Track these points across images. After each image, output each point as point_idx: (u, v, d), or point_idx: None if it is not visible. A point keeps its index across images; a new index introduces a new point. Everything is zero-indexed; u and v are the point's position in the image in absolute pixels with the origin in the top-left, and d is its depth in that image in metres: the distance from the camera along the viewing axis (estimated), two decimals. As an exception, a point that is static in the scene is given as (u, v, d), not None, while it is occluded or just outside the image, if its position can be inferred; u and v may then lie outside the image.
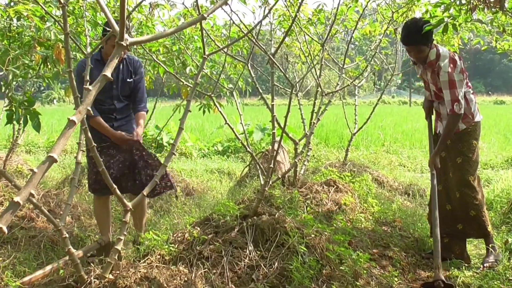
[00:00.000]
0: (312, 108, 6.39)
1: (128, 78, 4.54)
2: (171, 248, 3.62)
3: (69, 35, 2.26)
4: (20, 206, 1.42)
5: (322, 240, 3.80)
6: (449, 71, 4.12)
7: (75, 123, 1.62)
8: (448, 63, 4.16)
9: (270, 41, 6.70)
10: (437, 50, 4.26)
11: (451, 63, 4.16)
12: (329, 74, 16.83)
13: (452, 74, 4.12)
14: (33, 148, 11.82)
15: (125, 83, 4.53)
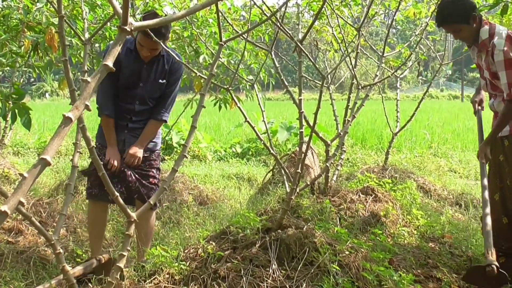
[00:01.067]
0: (346, 104, 6.36)
1: (161, 79, 4.48)
2: (182, 266, 3.63)
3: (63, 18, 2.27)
4: (7, 216, 1.43)
5: (357, 258, 3.77)
6: (504, 49, 4.01)
7: (71, 120, 1.63)
8: (503, 41, 4.05)
9: (297, 25, 6.69)
10: (491, 28, 4.18)
11: (508, 41, 4.07)
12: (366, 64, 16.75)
13: (508, 53, 4.00)
14: (22, 150, 11.89)
15: (155, 84, 4.47)
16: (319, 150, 10.04)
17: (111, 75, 4.19)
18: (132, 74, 4.34)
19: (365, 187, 5.81)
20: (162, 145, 11.14)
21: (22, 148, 11.95)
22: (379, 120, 16.19)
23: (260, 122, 12.43)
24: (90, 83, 1.73)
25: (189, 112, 7.18)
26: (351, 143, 12.10)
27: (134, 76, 4.35)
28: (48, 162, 1.55)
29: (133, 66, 4.31)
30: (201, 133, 12.48)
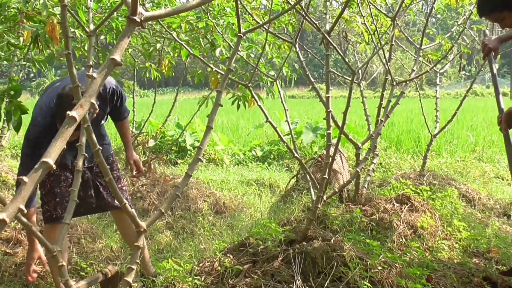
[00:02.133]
0: (379, 102, 6.34)
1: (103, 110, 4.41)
2: (196, 281, 3.64)
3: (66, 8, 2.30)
4: (6, 224, 1.45)
5: (391, 274, 3.77)
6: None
7: (75, 120, 1.65)
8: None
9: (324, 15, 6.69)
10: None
11: None
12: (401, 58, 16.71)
13: None
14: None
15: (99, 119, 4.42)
16: (349, 153, 10.02)
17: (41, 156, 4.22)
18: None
19: (400, 195, 5.79)
20: (174, 148, 11.23)
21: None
22: (416, 120, 16.09)
23: (283, 122, 12.43)
24: (96, 79, 1.75)
25: (204, 111, 7.20)
26: (385, 146, 12.06)
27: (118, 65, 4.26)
28: (50, 166, 1.57)
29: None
30: (218, 134, 12.51)
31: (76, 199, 2.65)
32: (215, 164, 11.16)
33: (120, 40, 1.82)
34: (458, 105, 7.87)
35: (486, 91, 49.34)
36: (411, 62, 9.68)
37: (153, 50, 6.86)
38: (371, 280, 3.63)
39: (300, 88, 56.88)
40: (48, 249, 2.37)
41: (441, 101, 8.39)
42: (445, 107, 18.50)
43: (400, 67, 34.82)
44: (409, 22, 67.47)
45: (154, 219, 2.73)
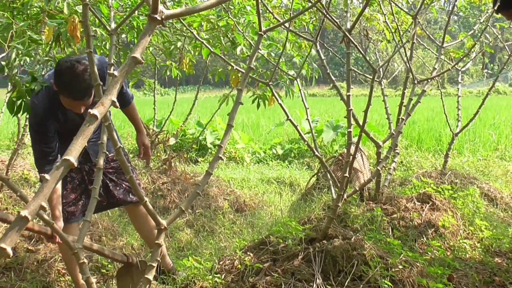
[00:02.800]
0: (400, 100, 6.32)
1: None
2: (217, 279, 3.65)
3: (88, 6, 2.31)
4: (28, 222, 1.46)
5: (412, 273, 3.75)
6: None
7: (96, 118, 1.66)
8: None
9: (345, 13, 6.67)
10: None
11: None
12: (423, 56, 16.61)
13: None
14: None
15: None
16: (369, 152, 9.99)
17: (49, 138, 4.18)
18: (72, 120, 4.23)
19: (421, 193, 5.76)
20: (195, 146, 11.25)
21: (43, 148, 12.09)
22: (438, 119, 16.02)
23: (304, 121, 12.42)
24: (117, 77, 1.75)
25: (225, 110, 7.21)
26: (406, 145, 12.00)
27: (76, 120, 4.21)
28: (72, 163, 1.58)
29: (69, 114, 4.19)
30: (238, 133, 12.51)
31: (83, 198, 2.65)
32: (236, 162, 11.17)
33: (141, 38, 1.82)
34: (480, 104, 7.81)
35: (509, 89, 48.89)
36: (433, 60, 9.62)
37: (174, 48, 6.88)
38: (391, 279, 3.62)
39: (321, 86, 56.78)
40: (70, 247, 2.39)
41: (463, 99, 8.34)
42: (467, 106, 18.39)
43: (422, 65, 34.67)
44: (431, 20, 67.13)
45: (174, 217, 2.74)
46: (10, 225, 1.46)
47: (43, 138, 4.02)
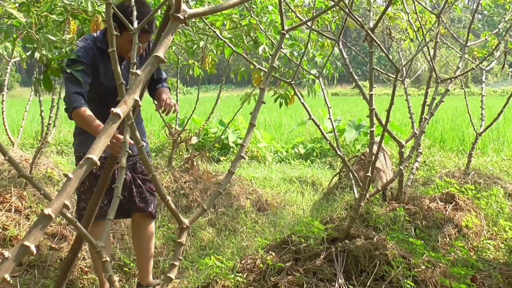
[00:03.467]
0: (423, 100, 6.28)
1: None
2: (238, 279, 3.65)
3: (111, 6, 2.32)
4: (51, 220, 1.47)
5: (435, 274, 3.73)
6: None
7: (119, 116, 1.66)
8: None
9: (368, 12, 6.65)
10: None
11: None
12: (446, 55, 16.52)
13: None
14: (66, 148, 12.12)
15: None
16: (392, 151, 9.94)
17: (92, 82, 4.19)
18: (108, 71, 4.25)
19: (444, 193, 5.72)
20: (217, 145, 11.27)
21: (66, 147, 12.17)
22: (461, 119, 15.90)
23: (326, 120, 12.40)
24: (140, 76, 1.76)
25: (247, 109, 7.20)
26: (428, 144, 11.93)
27: (110, 74, 4.24)
28: (95, 162, 1.59)
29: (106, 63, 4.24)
30: (260, 132, 12.52)
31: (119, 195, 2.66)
32: (258, 162, 11.18)
33: (164, 37, 1.82)
34: (505, 103, 7.73)
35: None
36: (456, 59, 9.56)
37: (197, 47, 6.89)
38: (414, 279, 3.60)
39: (343, 85, 56.64)
40: (92, 244, 2.40)
41: (487, 98, 8.27)
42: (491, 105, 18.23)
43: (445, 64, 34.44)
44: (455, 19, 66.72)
45: (196, 216, 2.75)
46: (34, 223, 1.47)
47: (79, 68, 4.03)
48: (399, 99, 5.37)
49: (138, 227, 4.65)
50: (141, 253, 4.70)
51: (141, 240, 4.65)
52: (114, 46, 2.37)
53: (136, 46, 2.58)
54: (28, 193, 6.07)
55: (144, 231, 4.63)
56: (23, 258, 1.51)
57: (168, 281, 2.66)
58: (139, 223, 4.64)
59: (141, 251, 4.69)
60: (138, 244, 4.68)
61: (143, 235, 4.63)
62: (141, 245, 4.66)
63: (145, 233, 4.64)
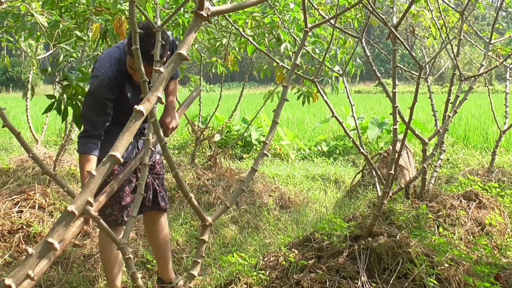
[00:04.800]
0: (446, 97, 6.24)
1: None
2: (261, 276, 3.64)
3: (134, 3, 2.32)
4: (75, 217, 1.47)
5: (458, 272, 3.70)
6: None
7: (142, 114, 1.66)
8: None
9: (391, 9, 6.60)
10: None
11: None
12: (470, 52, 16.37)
13: None
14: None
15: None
16: (415, 149, 9.89)
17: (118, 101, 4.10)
18: (135, 94, 4.18)
19: (468, 191, 5.68)
20: (240, 142, 11.27)
21: (90, 144, 12.22)
22: (485, 116, 15.78)
23: (349, 118, 12.35)
24: (163, 73, 1.76)
25: (270, 106, 7.20)
26: (452, 142, 11.85)
27: (137, 94, 4.13)
28: (118, 159, 1.59)
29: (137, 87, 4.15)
30: (283, 129, 12.51)
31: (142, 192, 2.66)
32: (281, 159, 11.17)
33: (187, 35, 1.82)
34: (529, 101, 7.66)
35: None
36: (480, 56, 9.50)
37: (219, 45, 6.88)
38: (437, 277, 3.57)
39: (366, 83, 56.43)
40: (115, 241, 2.40)
41: (511, 96, 8.18)
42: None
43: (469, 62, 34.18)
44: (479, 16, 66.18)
45: (219, 213, 2.75)
46: (57, 220, 1.47)
47: (100, 107, 3.94)
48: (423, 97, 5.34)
49: (154, 224, 4.62)
50: (159, 249, 4.67)
51: (158, 236, 4.62)
52: (138, 44, 2.37)
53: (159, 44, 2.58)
54: (52, 190, 6.11)
55: (160, 226, 4.60)
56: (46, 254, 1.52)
57: (191, 278, 2.66)
58: (153, 220, 4.61)
59: (160, 247, 4.66)
60: (155, 240, 4.66)
61: (159, 230, 4.61)
62: (158, 240, 4.63)
63: (161, 228, 4.61)
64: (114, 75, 3.95)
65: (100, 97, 3.92)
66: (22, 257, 5.11)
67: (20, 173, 7.54)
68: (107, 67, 3.94)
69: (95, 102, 3.93)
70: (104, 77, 3.92)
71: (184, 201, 6.65)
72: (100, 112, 3.95)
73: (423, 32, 9.41)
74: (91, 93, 3.94)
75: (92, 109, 3.95)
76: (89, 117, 3.96)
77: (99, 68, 3.95)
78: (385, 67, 66.25)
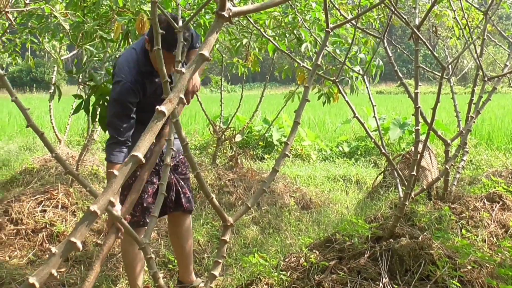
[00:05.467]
0: (469, 98, 6.20)
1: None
2: (282, 277, 3.65)
3: (156, 4, 2.33)
4: (97, 216, 1.48)
5: (482, 274, 3.67)
6: None
7: (164, 114, 1.67)
8: None
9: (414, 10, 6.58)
10: None
11: None
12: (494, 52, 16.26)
13: None
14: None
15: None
16: (438, 150, 9.83)
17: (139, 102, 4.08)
18: (158, 93, 4.15)
19: (491, 193, 5.64)
20: (261, 143, 11.28)
21: (112, 144, 12.30)
22: (509, 117, 15.66)
23: (371, 118, 12.31)
24: (185, 74, 1.76)
25: (291, 107, 7.19)
26: (475, 143, 11.77)
27: (159, 93, 4.11)
28: (140, 160, 1.60)
29: (156, 84, 4.14)
30: (305, 130, 12.50)
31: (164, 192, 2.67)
32: (302, 160, 11.17)
33: (208, 35, 1.83)
34: (554, 101, 7.58)
35: None
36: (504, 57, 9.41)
37: (240, 45, 6.89)
38: (460, 279, 3.55)
39: (388, 83, 56.19)
40: (137, 241, 2.42)
41: (535, 97, 8.10)
42: (539, 103, 17.94)
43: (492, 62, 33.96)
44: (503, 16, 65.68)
45: (241, 214, 2.75)
46: (80, 219, 1.49)
47: (125, 112, 3.94)
48: (445, 98, 5.30)
49: (178, 225, 4.61)
50: (182, 251, 4.66)
51: (182, 238, 4.61)
52: (160, 44, 2.38)
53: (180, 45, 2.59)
54: (75, 189, 6.16)
55: (184, 228, 4.60)
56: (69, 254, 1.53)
57: (212, 278, 2.67)
58: (178, 221, 4.60)
59: (182, 249, 4.66)
60: (179, 242, 4.65)
61: (183, 232, 4.60)
62: (181, 242, 4.63)
63: (185, 230, 4.61)
64: (134, 77, 3.94)
65: (124, 102, 3.92)
66: (46, 256, 5.15)
67: (43, 173, 7.61)
68: (126, 70, 3.95)
69: (120, 108, 3.93)
70: (126, 81, 3.92)
71: (205, 201, 6.66)
72: (125, 117, 3.95)
73: (446, 32, 9.36)
74: (115, 100, 3.94)
75: (117, 115, 3.94)
76: (115, 124, 3.95)
77: (119, 74, 3.96)
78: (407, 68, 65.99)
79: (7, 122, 16.82)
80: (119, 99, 3.92)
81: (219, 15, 1.84)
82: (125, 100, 3.92)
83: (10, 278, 4.58)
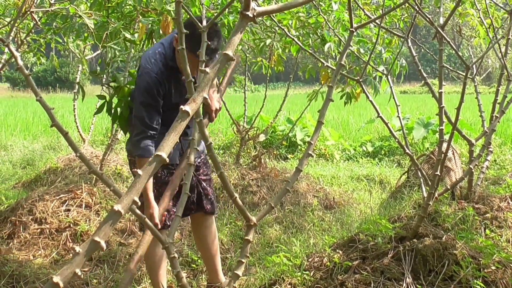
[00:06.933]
0: (494, 97, 6.14)
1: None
2: (305, 276, 3.63)
3: (181, 4, 2.33)
4: (121, 216, 1.48)
5: (506, 275, 3.64)
6: None
7: (188, 114, 1.67)
8: None
9: (438, 9, 6.53)
10: None
11: None
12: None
13: None
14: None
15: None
16: (462, 150, 9.75)
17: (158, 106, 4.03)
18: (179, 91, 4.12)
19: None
20: (284, 142, 11.27)
21: (136, 144, 12.36)
22: (534, 117, 15.49)
23: (394, 118, 12.24)
24: (209, 73, 1.76)
25: (315, 106, 7.17)
26: (499, 143, 11.66)
27: (184, 93, 3.94)
28: (164, 159, 1.60)
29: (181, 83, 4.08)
30: (328, 130, 12.45)
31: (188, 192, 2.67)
32: (325, 159, 11.14)
33: (232, 35, 1.82)
34: None
35: None
36: (529, 56, 9.38)
37: (263, 45, 6.89)
38: (484, 280, 3.52)
39: (412, 83, 55.84)
40: (161, 241, 2.42)
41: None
42: None
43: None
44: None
45: (264, 214, 2.75)
46: (104, 219, 1.49)
47: (153, 103, 3.91)
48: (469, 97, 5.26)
49: (201, 227, 4.56)
50: (207, 253, 4.61)
51: (205, 240, 4.56)
52: (184, 45, 2.38)
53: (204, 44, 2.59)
54: (98, 189, 6.19)
55: (207, 229, 4.54)
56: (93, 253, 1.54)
57: (236, 278, 2.66)
58: (200, 222, 4.55)
59: (207, 251, 4.60)
60: (203, 244, 4.60)
61: (207, 234, 4.55)
62: (205, 244, 4.57)
63: (209, 232, 4.55)
64: (160, 69, 3.92)
65: (152, 92, 3.90)
66: (70, 255, 5.18)
67: (67, 172, 7.67)
68: (153, 62, 3.93)
69: (148, 98, 3.90)
70: (152, 72, 3.90)
71: (229, 201, 6.67)
72: (153, 109, 3.92)
73: (470, 32, 9.29)
74: (143, 90, 3.91)
75: (145, 106, 3.91)
76: (142, 116, 3.92)
77: (145, 65, 3.94)
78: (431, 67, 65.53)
79: (32, 122, 16.94)
80: (147, 89, 3.90)
81: (244, 15, 1.83)
82: (152, 90, 3.90)
83: (34, 277, 4.60)
